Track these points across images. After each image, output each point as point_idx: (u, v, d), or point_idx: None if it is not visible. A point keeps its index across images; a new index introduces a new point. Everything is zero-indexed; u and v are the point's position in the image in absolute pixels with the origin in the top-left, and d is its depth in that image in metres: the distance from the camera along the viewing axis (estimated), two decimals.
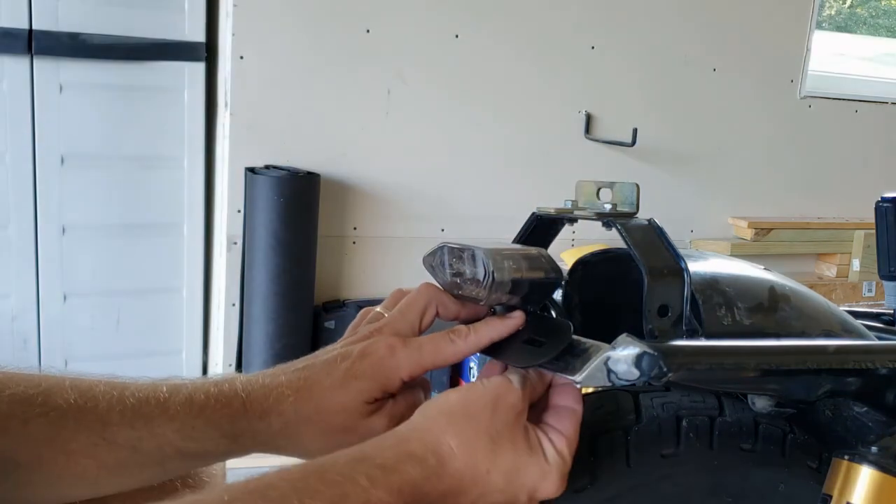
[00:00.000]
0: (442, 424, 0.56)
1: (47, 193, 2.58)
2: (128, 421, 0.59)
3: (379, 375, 0.61)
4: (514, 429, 0.58)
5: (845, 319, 0.73)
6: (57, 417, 0.58)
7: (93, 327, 2.73)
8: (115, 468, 0.60)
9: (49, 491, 0.60)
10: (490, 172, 3.04)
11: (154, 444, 0.60)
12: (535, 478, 0.58)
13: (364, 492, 0.51)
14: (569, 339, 0.61)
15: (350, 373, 0.61)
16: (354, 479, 0.51)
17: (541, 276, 0.63)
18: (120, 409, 0.60)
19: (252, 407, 0.61)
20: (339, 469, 0.52)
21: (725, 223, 3.47)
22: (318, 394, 0.61)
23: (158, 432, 0.60)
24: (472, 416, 0.57)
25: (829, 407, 0.75)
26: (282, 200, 2.55)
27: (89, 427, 0.59)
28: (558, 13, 3.04)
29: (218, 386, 0.62)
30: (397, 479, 0.52)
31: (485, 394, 0.58)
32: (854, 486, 0.68)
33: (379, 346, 0.62)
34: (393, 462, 0.53)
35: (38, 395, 0.59)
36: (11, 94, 2.49)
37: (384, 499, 0.51)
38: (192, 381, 0.63)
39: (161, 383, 0.62)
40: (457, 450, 0.55)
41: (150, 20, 2.60)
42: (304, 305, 2.67)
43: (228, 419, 0.60)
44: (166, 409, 0.60)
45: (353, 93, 2.82)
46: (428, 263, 0.67)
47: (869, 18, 9.70)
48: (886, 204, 0.92)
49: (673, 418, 0.70)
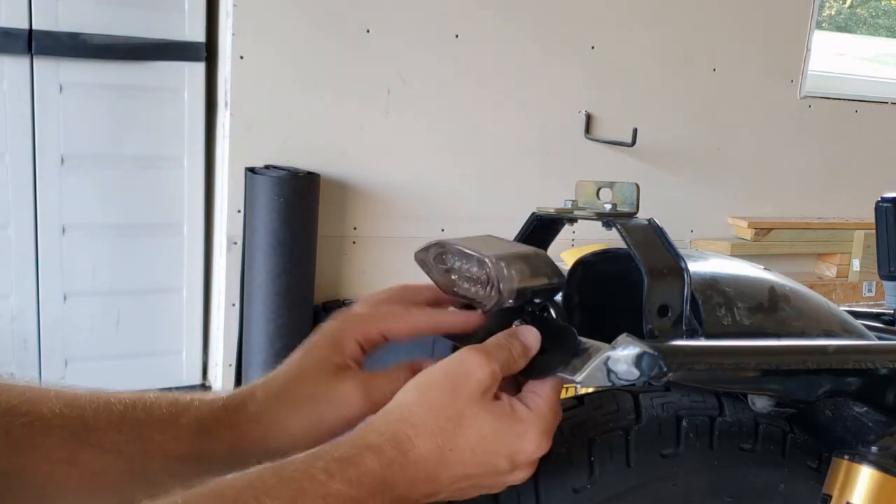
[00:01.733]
0: (400, 413, 0.58)
1: (47, 193, 2.58)
2: (115, 425, 0.60)
3: (332, 341, 0.65)
4: (479, 403, 0.58)
5: (845, 319, 0.73)
6: (41, 426, 0.59)
7: (93, 327, 2.73)
8: (99, 475, 0.60)
9: (31, 502, 0.59)
10: (490, 172, 3.04)
11: (139, 448, 0.60)
12: (509, 441, 0.58)
13: (322, 485, 0.51)
14: (575, 346, 0.61)
15: (309, 346, 0.66)
16: (311, 473, 0.52)
17: (544, 283, 0.63)
18: (107, 414, 0.61)
19: (230, 400, 0.64)
20: (296, 465, 0.52)
21: (725, 223, 3.47)
22: (284, 373, 0.65)
23: (145, 436, 0.61)
24: (429, 401, 0.58)
25: (829, 407, 0.75)
26: (282, 200, 2.55)
27: (74, 434, 0.59)
28: (558, 13, 3.04)
29: (202, 392, 0.65)
30: (355, 471, 0.53)
31: (444, 376, 0.59)
32: (854, 486, 0.68)
33: (334, 318, 0.67)
34: (349, 454, 0.54)
35: (21, 404, 0.59)
36: (11, 94, 2.49)
37: (343, 490, 0.52)
38: (178, 392, 0.65)
39: (148, 392, 0.64)
40: (415, 438, 0.56)
41: (150, 20, 2.60)
42: (304, 305, 2.67)
43: (210, 413, 0.63)
44: (152, 412, 0.62)
45: (353, 93, 2.82)
46: (420, 259, 0.67)
47: (869, 18, 9.70)
48: (886, 204, 0.92)
49: (673, 418, 0.70)
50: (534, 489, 0.65)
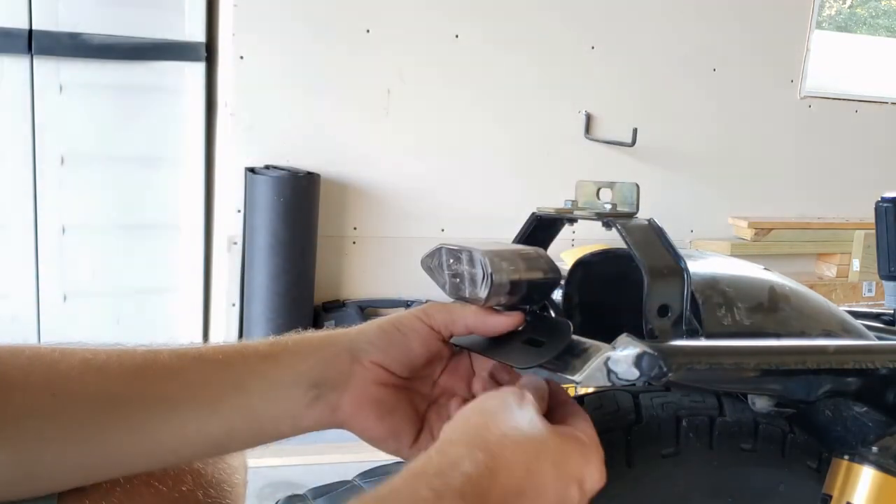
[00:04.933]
0: (473, 424, 0.56)
1: (47, 193, 2.58)
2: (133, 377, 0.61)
3: (420, 312, 0.65)
4: (542, 423, 0.57)
5: (845, 319, 0.73)
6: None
7: (93, 327, 2.72)
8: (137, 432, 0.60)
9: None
10: (490, 172, 3.04)
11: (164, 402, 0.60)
12: (579, 464, 0.56)
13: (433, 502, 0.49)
14: (569, 338, 0.61)
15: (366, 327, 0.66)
16: (418, 493, 0.49)
17: (539, 277, 0.63)
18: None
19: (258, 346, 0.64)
20: (400, 489, 0.50)
21: (725, 223, 3.47)
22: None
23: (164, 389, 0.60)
24: (499, 414, 0.56)
25: (829, 407, 0.74)
26: (282, 200, 2.55)
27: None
28: (558, 13, 3.04)
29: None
30: (457, 478, 0.51)
31: (503, 396, 0.58)
32: (854, 486, 0.68)
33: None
34: (446, 467, 0.52)
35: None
36: (11, 94, 2.49)
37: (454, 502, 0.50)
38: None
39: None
40: (499, 441, 0.54)
41: (150, 20, 2.60)
42: (304, 305, 2.67)
43: (239, 355, 0.63)
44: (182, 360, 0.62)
45: (354, 93, 2.82)
46: (426, 265, 0.68)
47: (869, 18, 9.71)
48: (886, 204, 0.92)
49: (673, 418, 0.70)
50: None
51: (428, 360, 0.65)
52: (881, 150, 3.70)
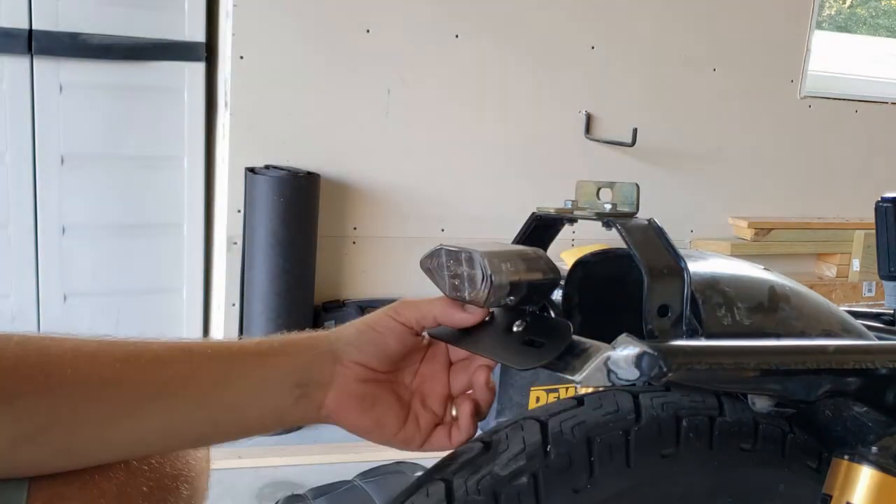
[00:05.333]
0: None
1: (47, 193, 2.58)
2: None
3: (390, 310, 0.69)
4: None
5: (845, 319, 0.73)
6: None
7: (93, 327, 2.72)
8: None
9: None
10: (490, 172, 3.04)
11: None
12: None
13: None
14: (569, 339, 0.61)
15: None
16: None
17: (539, 278, 0.63)
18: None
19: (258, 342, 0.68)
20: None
21: (725, 223, 3.47)
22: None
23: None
24: None
25: (829, 407, 0.74)
26: (282, 200, 2.55)
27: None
28: (558, 13, 3.04)
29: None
30: None
31: None
32: (854, 486, 0.68)
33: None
34: None
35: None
36: (11, 94, 2.49)
37: None
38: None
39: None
40: None
41: (150, 20, 2.60)
42: (304, 305, 2.67)
43: (227, 351, 0.65)
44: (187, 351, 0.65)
45: (353, 92, 2.82)
46: (425, 266, 0.68)
47: (869, 18, 9.71)
48: (886, 204, 0.92)
49: (673, 418, 0.70)
50: (534, 489, 0.65)
51: (405, 353, 0.69)
52: (881, 150, 3.70)
